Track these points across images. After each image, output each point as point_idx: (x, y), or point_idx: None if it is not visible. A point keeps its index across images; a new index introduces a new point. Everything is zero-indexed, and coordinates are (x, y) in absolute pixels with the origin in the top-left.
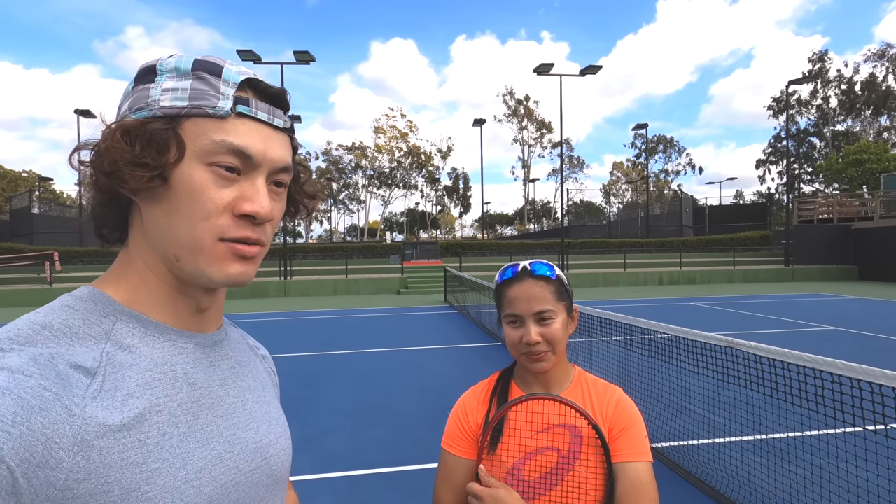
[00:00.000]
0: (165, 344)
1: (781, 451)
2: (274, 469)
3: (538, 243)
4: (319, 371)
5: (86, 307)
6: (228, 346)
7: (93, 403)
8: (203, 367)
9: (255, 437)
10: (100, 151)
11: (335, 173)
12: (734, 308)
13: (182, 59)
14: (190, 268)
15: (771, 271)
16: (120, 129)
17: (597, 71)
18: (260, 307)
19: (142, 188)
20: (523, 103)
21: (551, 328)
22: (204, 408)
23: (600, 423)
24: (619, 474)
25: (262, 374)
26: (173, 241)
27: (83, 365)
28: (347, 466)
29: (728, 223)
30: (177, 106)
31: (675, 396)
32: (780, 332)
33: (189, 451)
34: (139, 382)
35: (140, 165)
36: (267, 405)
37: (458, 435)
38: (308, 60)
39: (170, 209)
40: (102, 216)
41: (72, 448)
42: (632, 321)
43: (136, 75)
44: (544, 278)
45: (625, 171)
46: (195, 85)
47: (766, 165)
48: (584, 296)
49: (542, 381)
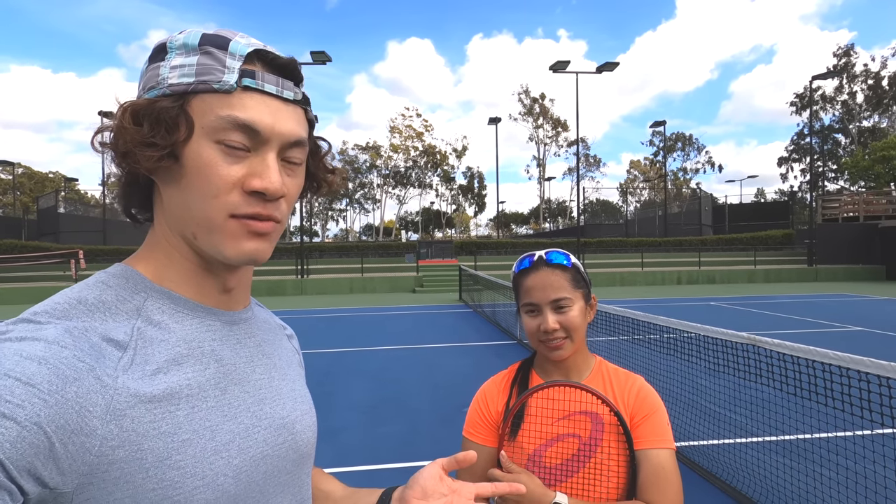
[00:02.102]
0: (194, 321)
1: (806, 452)
2: (300, 444)
3: (553, 242)
4: (336, 368)
5: (118, 283)
6: (255, 325)
7: (124, 375)
8: (230, 345)
9: (282, 413)
10: (115, 133)
11: (351, 173)
12: (755, 308)
13: (191, 34)
14: (207, 245)
15: (793, 271)
16: (129, 109)
17: (613, 68)
18: (277, 305)
19: (154, 168)
20: (539, 102)
21: (568, 316)
22: (231, 383)
23: (622, 410)
24: (642, 461)
25: (289, 353)
26: (189, 219)
27: (115, 338)
28: (362, 461)
29: (749, 222)
30: (184, 83)
31: (695, 395)
32: (803, 332)
33: (218, 423)
34: (168, 357)
35: (149, 145)
36: (293, 383)
37: (478, 423)
38: (324, 61)
39: (183, 187)
40: (127, 196)
41: (105, 416)
42: (650, 318)
43: (150, 54)
44: (560, 266)
45: (642, 169)
46: (202, 60)
47: (789, 163)
48: (601, 295)
49: (562, 370)
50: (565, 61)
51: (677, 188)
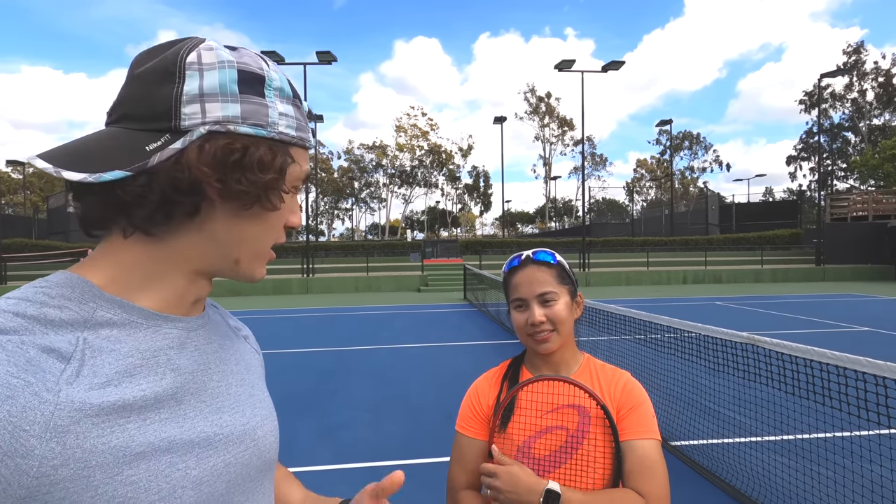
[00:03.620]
0: (148, 330)
1: (805, 451)
2: (263, 450)
3: (559, 241)
4: (340, 366)
5: (61, 293)
6: (212, 329)
7: (68, 388)
8: (187, 353)
9: (242, 420)
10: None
11: (356, 172)
12: (762, 308)
13: (283, 80)
14: (245, 269)
15: (801, 270)
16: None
17: (619, 66)
18: (283, 304)
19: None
20: (545, 100)
21: (554, 309)
22: (188, 393)
23: (608, 404)
24: (628, 452)
25: (247, 356)
26: (245, 249)
27: (58, 349)
28: (365, 458)
29: (756, 221)
30: (290, 135)
31: (696, 394)
32: (810, 332)
33: (174, 435)
34: (119, 369)
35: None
36: (251, 388)
37: (470, 417)
38: (330, 60)
39: (261, 223)
40: (169, 212)
41: (44, 435)
42: (651, 318)
43: (241, 77)
44: (546, 263)
45: (649, 168)
46: (296, 115)
47: (798, 162)
48: (605, 294)
49: (552, 365)
50: (571, 60)
51: (684, 187)
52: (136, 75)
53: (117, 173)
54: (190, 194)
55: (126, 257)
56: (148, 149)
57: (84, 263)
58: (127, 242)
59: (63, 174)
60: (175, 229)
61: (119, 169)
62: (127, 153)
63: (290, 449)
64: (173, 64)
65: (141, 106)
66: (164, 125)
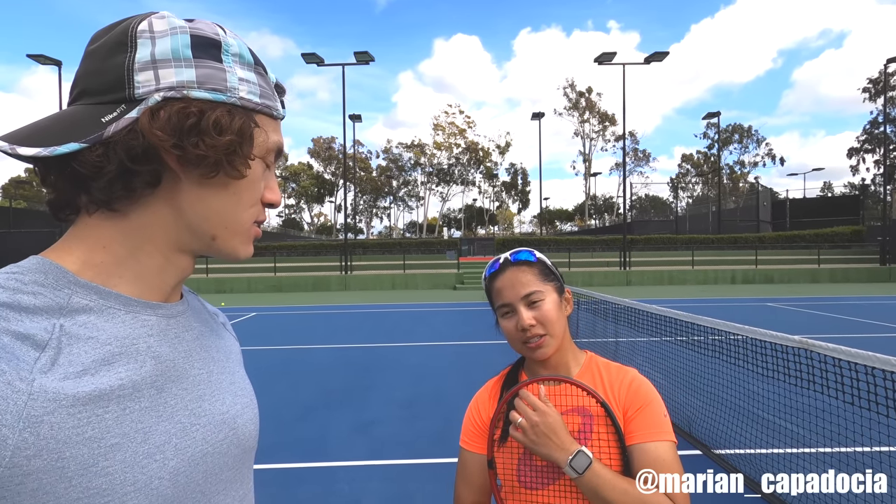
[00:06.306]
0: (127, 316)
1: (862, 466)
2: (242, 438)
3: (598, 239)
4: (376, 362)
5: (35, 279)
6: (192, 316)
7: (43, 377)
8: (168, 340)
9: (222, 409)
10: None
11: (394, 171)
12: (818, 310)
13: (242, 46)
14: (224, 246)
15: (863, 270)
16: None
17: (663, 58)
18: (322, 300)
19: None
20: (585, 96)
21: (542, 309)
22: (168, 381)
23: (613, 405)
24: (639, 456)
25: (227, 343)
26: (218, 223)
27: (32, 337)
28: (398, 455)
29: (813, 218)
30: (253, 101)
31: (743, 401)
32: (873, 336)
33: (151, 425)
34: (97, 357)
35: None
36: (232, 375)
37: (472, 431)
38: (367, 60)
39: (229, 194)
40: (130, 184)
41: (16, 424)
42: (693, 319)
43: (194, 41)
44: (526, 262)
45: (695, 163)
46: (260, 81)
47: (860, 154)
48: (647, 294)
49: (550, 368)
50: (611, 52)
51: (733, 182)
52: (90, 51)
53: (72, 145)
54: (146, 162)
55: (94, 237)
56: (104, 120)
57: (56, 247)
58: (93, 220)
59: (18, 150)
60: (139, 202)
61: (74, 142)
62: (83, 127)
63: (327, 443)
64: (124, 34)
65: (95, 80)
66: (119, 95)
